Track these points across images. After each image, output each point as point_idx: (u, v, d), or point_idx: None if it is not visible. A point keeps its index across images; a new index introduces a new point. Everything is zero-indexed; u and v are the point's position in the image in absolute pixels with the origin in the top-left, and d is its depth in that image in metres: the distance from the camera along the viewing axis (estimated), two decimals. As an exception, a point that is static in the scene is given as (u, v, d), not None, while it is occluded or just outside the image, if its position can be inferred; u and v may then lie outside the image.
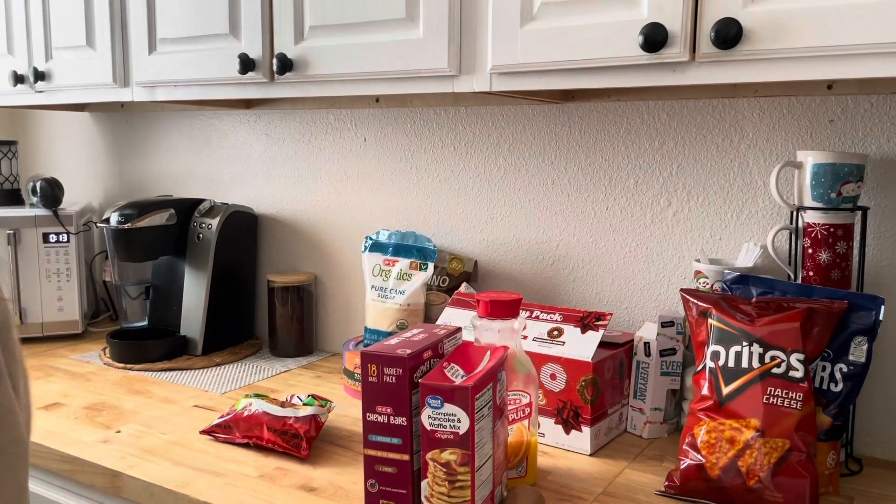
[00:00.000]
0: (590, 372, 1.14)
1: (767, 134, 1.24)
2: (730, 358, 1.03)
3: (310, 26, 1.27)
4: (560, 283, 1.47)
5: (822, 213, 1.11)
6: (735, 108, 1.27)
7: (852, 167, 1.08)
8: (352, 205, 1.72)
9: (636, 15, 0.97)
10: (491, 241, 1.54)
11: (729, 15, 0.90)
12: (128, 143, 2.11)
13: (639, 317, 1.39)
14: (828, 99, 1.19)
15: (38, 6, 1.68)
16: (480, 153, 1.53)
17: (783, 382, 0.98)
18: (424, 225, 1.62)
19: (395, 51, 1.19)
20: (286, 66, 1.29)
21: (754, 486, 0.96)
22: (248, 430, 1.18)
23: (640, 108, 1.35)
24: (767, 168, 1.25)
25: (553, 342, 1.19)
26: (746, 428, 0.98)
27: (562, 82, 1.06)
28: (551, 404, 1.18)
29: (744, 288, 1.11)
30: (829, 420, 1.03)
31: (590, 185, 1.42)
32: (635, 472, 1.11)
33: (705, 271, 1.21)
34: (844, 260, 1.11)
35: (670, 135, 1.33)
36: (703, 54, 0.93)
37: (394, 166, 1.65)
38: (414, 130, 1.61)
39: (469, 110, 1.54)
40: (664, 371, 1.22)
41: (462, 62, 1.14)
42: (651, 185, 1.36)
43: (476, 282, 1.55)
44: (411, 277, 1.45)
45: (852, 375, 1.02)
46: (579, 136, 1.42)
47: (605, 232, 1.41)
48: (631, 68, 1.00)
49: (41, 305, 1.82)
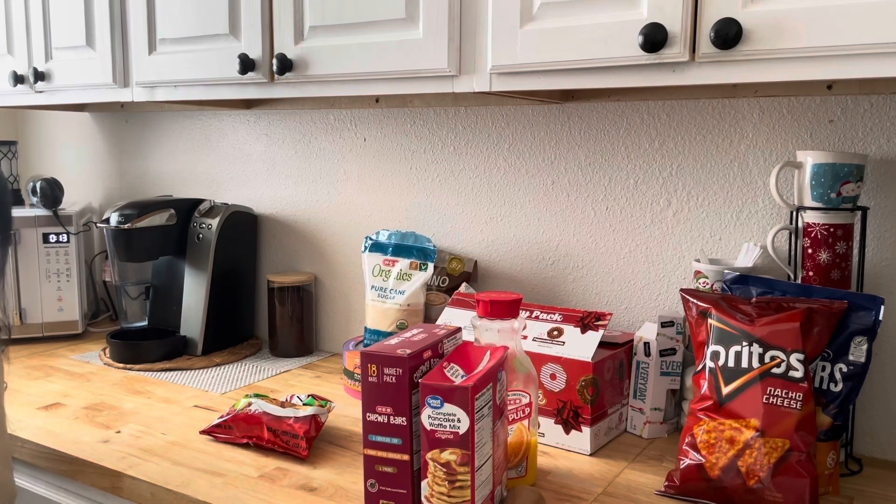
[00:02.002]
0: (590, 372, 1.14)
1: (767, 134, 1.24)
2: (730, 358, 1.03)
3: (310, 26, 1.27)
4: (560, 283, 1.47)
5: (821, 213, 1.11)
6: (735, 108, 1.27)
7: (852, 167, 1.08)
8: (352, 205, 1.72)
9: (636, 15, 0.97)
10: (491, 242, 1.54)
11: (729, 15, 0.90)
12: (128, 144, 2.11)
13: (638, 317, 1.39)
14: (827, 99, 1.19)
15: (37, 6, 1.68)
16: (480, 153, 1.53)
17: (783, 382, 0.98)
18: (424, 225, 1.62)
19: (395, 51, 1.19)
20: (286, 67, 1.29)
21: (754, 486, 0.96)
22: (248, 430, 1.18)
23: (639, 108, 1.35)
24: (767, 168, 1.25)
25: (553, 342, 1.19)
26: (746, 428, 0.98)
27: (562, 82, 1.06)
28: (551, 404, 1.18)
29: (744, 288, 1.11)
30: (828, 420, 1.03)
31: (589, 185, 1.42)
32: (635, 472, 1.11)
33: (705, 271, 1.21)
34: (844, 260, 1.11)
35: (670, 135, 1.33)
36: (702, 54, 0.93)
37: (394, 166, 1.65)
38: (414, 130, 1.61)
39: (469, 110, 1.54)
40: (664, 371, 1.22)
41: (462, 62, 1.14)
42: (651, 185, 1.36)
43: (476, 282, 1.55)
44: (411, 277, 1.45)
45: (852, 375, 1.02)
46: (579, 136, 1.42)
47: (605, 232, 1.41)
48: (631, 68, 1.00)
49: (41, 305, 1.82)
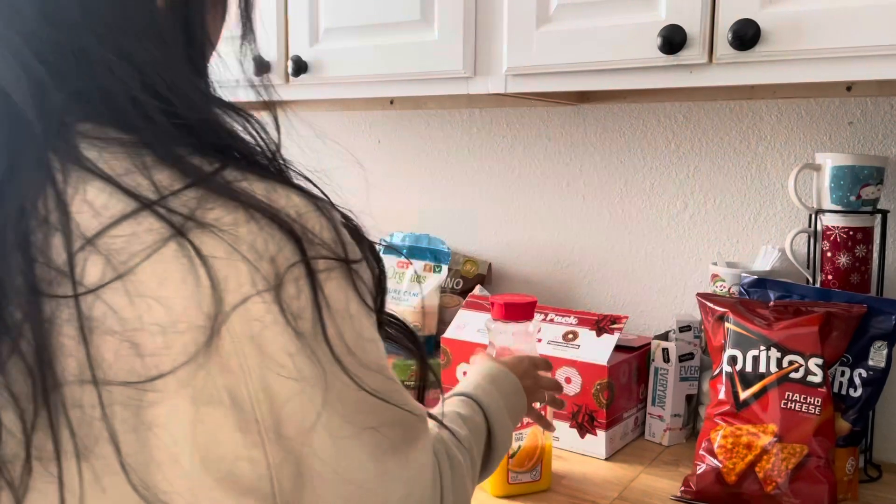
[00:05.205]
0: (605, 376, 1.13)
1: (785, 136, 1.23)
2: (747, 362, 1.02)
3: (325, 28, 1.28)
4: (575, 286, 1.46)
5: (841, 216, 1.09)
6: (753, 109, 1.26)
7: (872, 170, 1.07)
8: (365, 207, 1.71)
9: (654, 17, 0.96)
10: (505, 244, 1.54)
11: (747, 16, 0.89)
12: (144, 145, 2.12)
13: (655, 320, 1.38)
14: (847, 101, 1.18)
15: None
16: (495, 155, 1.53)
17: (801, 387, 0.97)
18: (438, 227, 1.61)
19: (410, 52, 1.18)
20: (301, 68, 1.29)
21: (772, 492, 0.95)
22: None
23: (656, 109, 1.35)
24: (785, 170, 1.23)
25: (568, 345, 1.18)
26: (764, 433, 0.97)
27: (578, 83, 1.06)
28: (566, 408, 1.17)
29: (761, 291, 1.10)
30: (847, 426, 1.02)
31: (605, 188, 1.41)
32: (651, 476, 1.10)
33: (722, 274, 1.20)
34: (864, 263, 1.10)
35: (687, 137, 1.32)
36: (720, 56, 0.92)
37: (408, 168, 1.64)
38: (428, 132, 1.61)
39: (484, 112, 1.53)
40: (682, 376, 1.21)
41: (477, 63, 1.14)
42: (667, 188, 1.35)
43: (490, 284, 1.54)
44: (425, 280, 1.45)
45: (872, 381, 1.01)
46: (595, 137, 1.41)
47: (621, 234, 1.40)
48: (648, 70, 0.99)
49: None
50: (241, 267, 0.45)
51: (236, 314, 0.44)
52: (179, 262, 0.44)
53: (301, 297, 0.46)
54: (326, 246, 0.49)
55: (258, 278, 0.45)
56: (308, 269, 0.47)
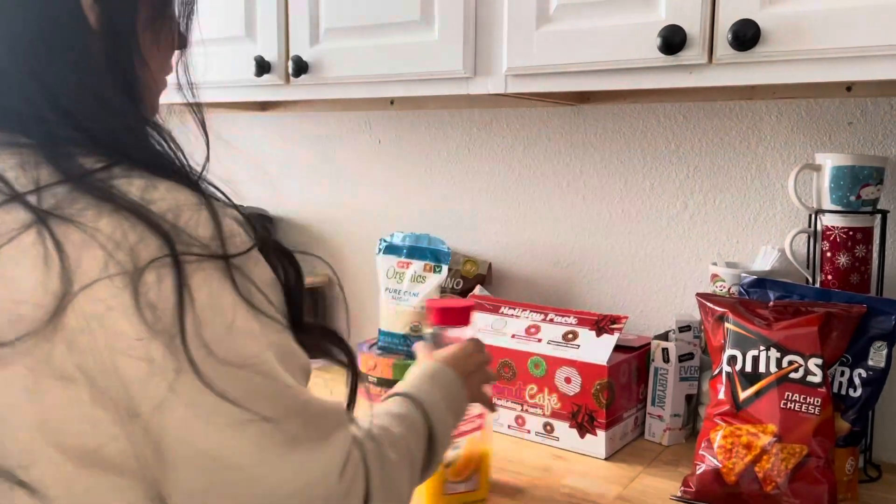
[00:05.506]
0: (605, 376, 1.13)
1: (785, 136, 1.23)
2: (747, 362, 1.02)
3: (325, 28, 1.28)
4: (575, 286, 1.46)
5: (840, 216, 1.10)
6: (753, 110, 1.26)
7: (872, 170, 1.07)
8: (366, 207, 1.72)
9: (654, 17, 0.97)
10: (505, 244, 1.54)
11: (746, 16, 0.89)
12: (144, 145, 2.11)
13: (654, 320, 1.38)
14: (847, 101, 1.18)
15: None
16: (495, 155, 1.53)
17: (801, 387, 0.97)
18: (438, 227, 1.61)
19: (410, 53, 1.18)
20: (301, 69, 1.29)
21: (771, 492, 0.95)
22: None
23: (656, 110, 1.35)
24: (785, 171, 1.23)
25: (568, 345, 1.18)
26: (763, 433, 0.97)
27: (578, 84, 1.06)
28: (566, 408, 1.18)
29: (761, 291, 1.10)
30: (847, 426, 1.02)
31: (605, 188, 1.41)
32: (651, 476, 1.10)
33: (722, 274, 1.20)
34: (863, 264, 1.10)
35: (686, 137, 1.32)
36: (720, 56, 0.92)
37: (408, 168, 1.65)
38: (428, 133, 1.61)
39: (484, 112, 1.53)
40: (682, 376, 1.21)
41: (477, 64, 1.14)
42: (667, 188, 1.35)
43: (490, 284, 1.54)
44: (425, 280, 1.45)
45: (871, 381, 1.01)
46: (594, 138, 1.41)
47: (621, 234, 1.40)
48: (648, 70, 0.99)
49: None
50: (96, 253, 0.49)
51: (84, 295, 0.49)
52: (35, 247, 0.49)
53: (161, 286, 0.50)
54: (198, 240, 0.52)
55: (112, 264, 0.49)
56: (175, 261, 0.50)
